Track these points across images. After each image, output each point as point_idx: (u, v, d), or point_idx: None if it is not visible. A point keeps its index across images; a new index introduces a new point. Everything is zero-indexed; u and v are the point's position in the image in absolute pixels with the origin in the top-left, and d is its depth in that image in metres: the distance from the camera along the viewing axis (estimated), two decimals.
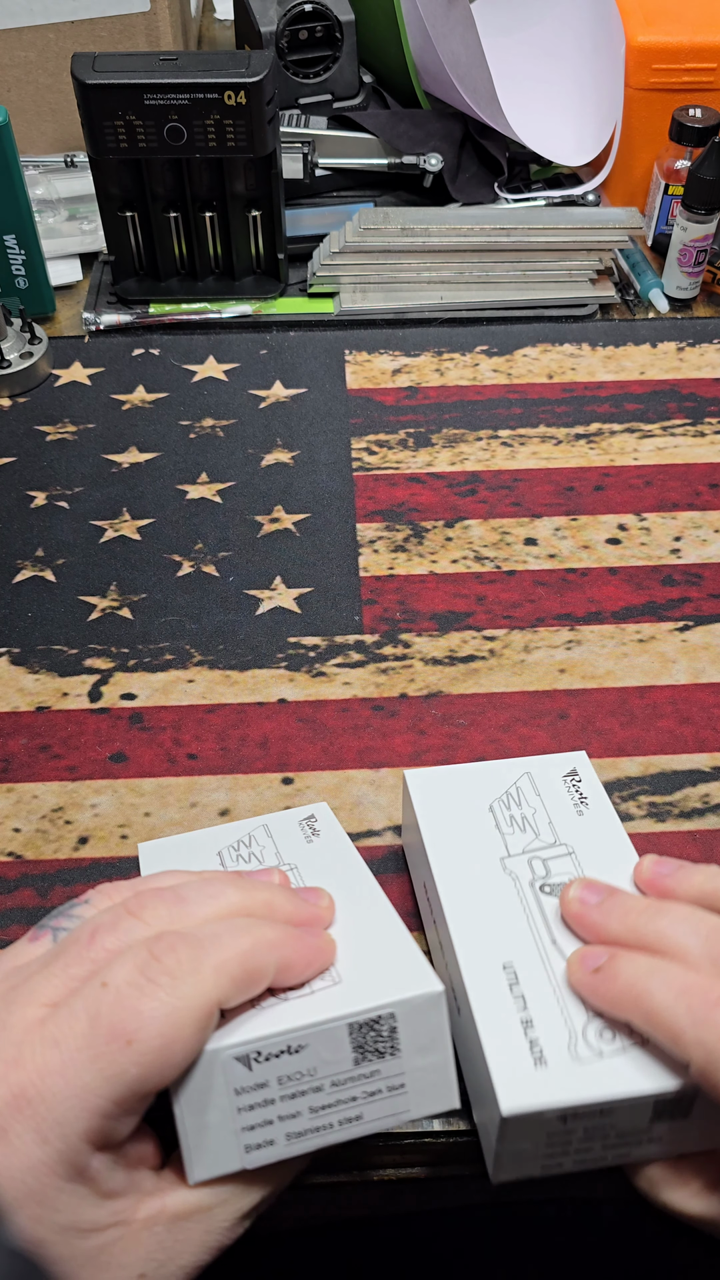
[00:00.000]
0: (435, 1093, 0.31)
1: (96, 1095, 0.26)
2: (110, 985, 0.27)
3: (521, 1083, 0.31)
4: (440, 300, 0.71)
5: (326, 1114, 0.30)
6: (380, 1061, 0.30)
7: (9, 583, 0.56)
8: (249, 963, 0.29)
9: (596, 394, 0.66)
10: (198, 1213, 0.29)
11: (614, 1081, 0.30)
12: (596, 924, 0.34)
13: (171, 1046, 0.27)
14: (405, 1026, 0.30)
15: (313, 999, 0.31)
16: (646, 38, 0.71)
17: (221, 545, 0.58)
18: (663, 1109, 0.31)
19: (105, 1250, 0.27)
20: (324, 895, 0.34)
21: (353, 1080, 0.30)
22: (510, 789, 0.39)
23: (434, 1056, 0.31)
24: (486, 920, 0.35)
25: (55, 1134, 0.26)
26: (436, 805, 0.39)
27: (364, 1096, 0.31)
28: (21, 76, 0.75)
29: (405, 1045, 0.30)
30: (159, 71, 0.61)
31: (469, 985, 0.33)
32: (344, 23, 0.77)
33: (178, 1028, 0.27)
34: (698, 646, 0.53)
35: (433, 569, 0.56)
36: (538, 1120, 0.30)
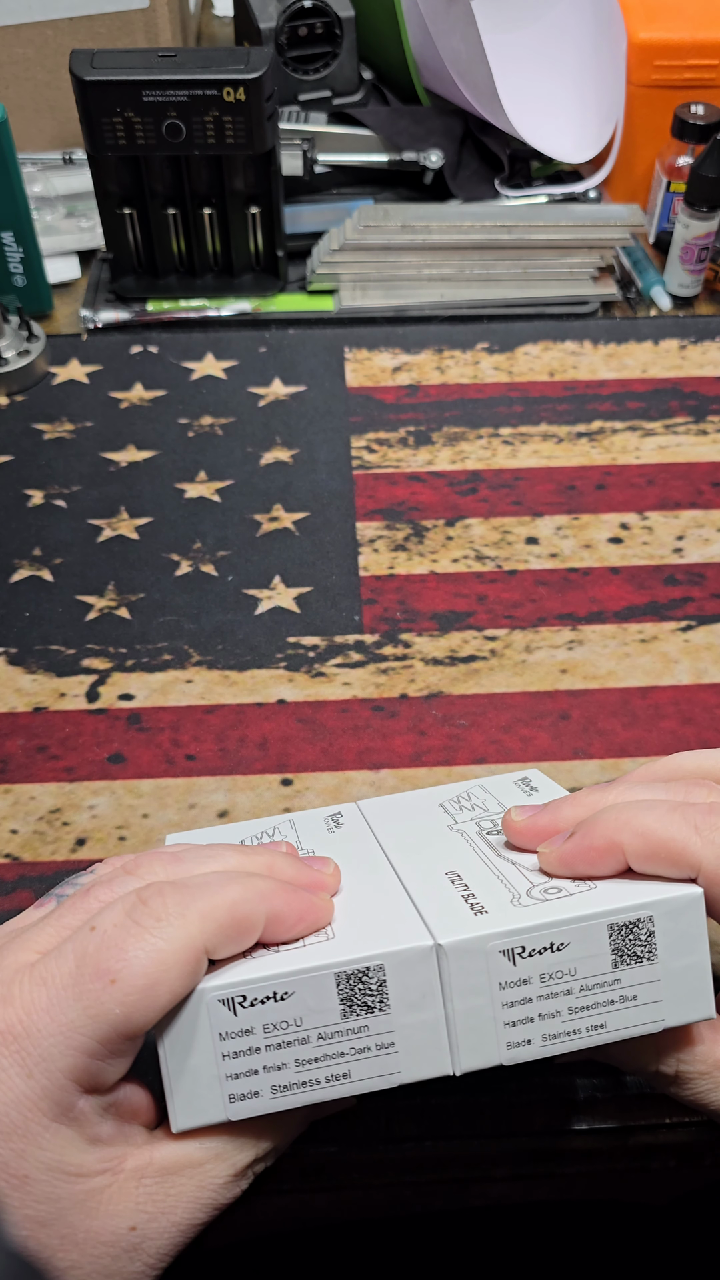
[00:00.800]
0: (428, 1054, 0.30)
1: (81, 1033, 0.27)
2: (98, 929, 0.28)
3: (461, 923, 0.30)
4: (441, 298, 0.71)
5: (313, 1068, 0.30)
6: (369, 1017, 0.30)
7: (6, 582, 0.55)
8: (237, 910, 0.29)
9: (598, 392, 0.66)
10: (189, 1167, 0.29)
11: (561, 910, 0.30)
12: (548, 823, 0.33)
13: (156, 988, 0.27)
14: (395, 980, 0.30)
15: (304, 950, 0.30)
16: (648, 34, 0.71)
17: (220, 544, 0.57)
18: (621, 945, 0.30)
19: (93, 1197, 0.27)
20: (329, 863, 0.34)
21: (340, 1035, 0.30)
22: (461, 793, 0.39)
23: (425, 1014, 0.30)
24: (430, 848, 0.35)
25: (40, 1069, 0.27)
26: (384, 804, 0.39)
27: (352, 1053, 0.30)
28: (20, 73, 0.75)
29: (395, 1001, 0.30)
30: (158, 68, 0.61)
31: (407, 882, 0.33)
32: (344, 19, 0.77)
33: (162, 968, 0.28)
34: (700, 646, 0.52)
35: (433, 568, 0.56)
36: (481, 955, 0.29)
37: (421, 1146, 0.38)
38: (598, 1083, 0.38)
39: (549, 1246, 0.52)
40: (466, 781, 0.40)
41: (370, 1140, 0.38)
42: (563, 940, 0.30)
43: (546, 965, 0.30)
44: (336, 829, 0.38)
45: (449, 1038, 0.30)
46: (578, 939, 0.30)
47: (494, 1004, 0.30)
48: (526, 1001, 0.30)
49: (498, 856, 0.34)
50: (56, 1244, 0.27)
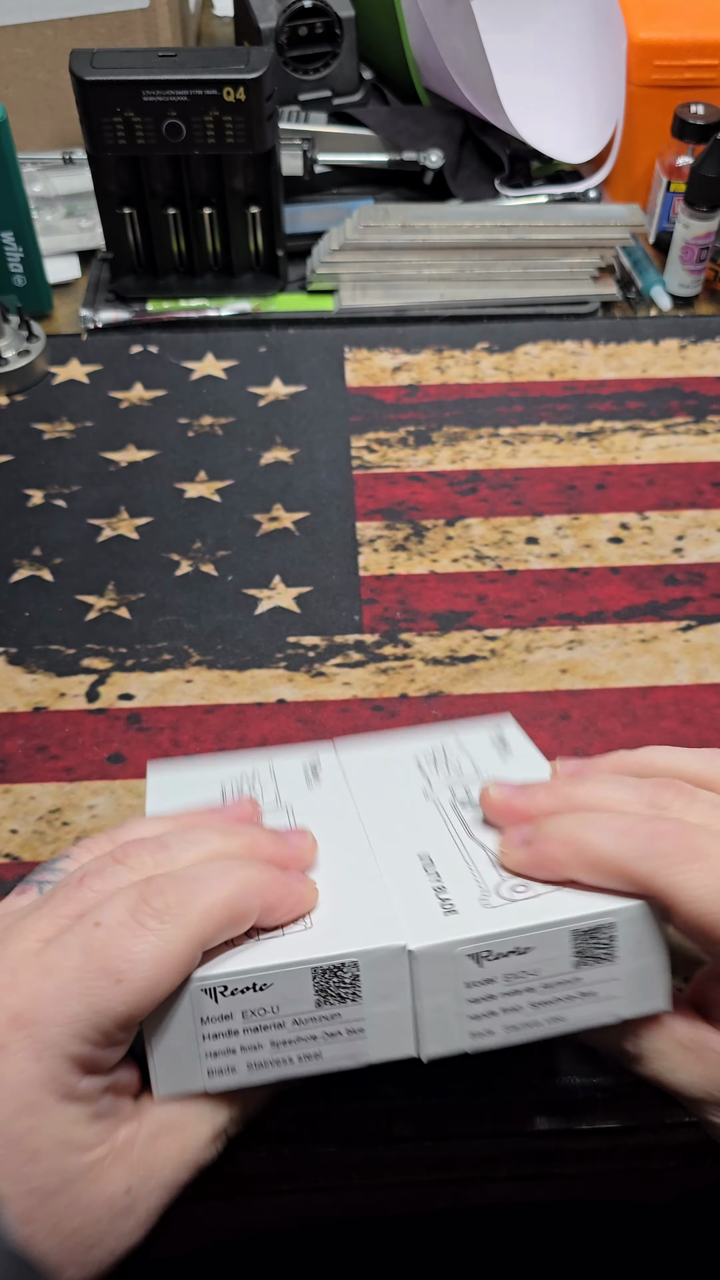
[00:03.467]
0: (395, 1040, 0.32)
1: (85, 1025, 0.28)
2: (103, 925, 0.29)
3: (431, 925, 0.31)
4: (441, 297, 0.71)
5: (287, 1049, 0.31)
6: (341, 1006, 0.31)
7: (6, 582, 0.55)
8: (235, 906, 0.30)
9: (598, 392, 0.66)
10: (172, 1130, 0.31)
11: (526, 915, 0.31)
12: (524, 805, 0.34)
13: (157, 986, 0.29)
14: (367, 975, 0.31)
15: (283, 941, 0.32)
16: (648, 34, 0.71)
17: (220, 544, 0.57)
18: (584, 947, 0.31)
19: (94, 1168, 0.29)
20: (307, 836, 0.35)
21: (314, 1020, 0.31)
22: (436, 747, 0.40)
23: (394, 1005, 0.31)
24: (405, 822, 0.36)
25: (48, 1054, 0.28)
26: (362, 757, 0.39)
27: (324, 1037, 0.31)
28: (20, 73, 0.75)
29: (367, 993, 0.31)
30: (158, 68, 0.61)
31: (383, 865, 0.34)
32: (344, 19, 0.77)
33: (164, 968, 0.29)
34: (700, 646, 0.52)
35: (433, 568, 0.56)
36: (449, 959, 0.31)
37: (421, 1146, 0.38)
38: (598, 1083, 0.38)
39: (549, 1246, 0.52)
40: (440, 730, 0.40)
41: (370, 1140, 0.38)
42: (527, 945, 0.31)
43: (511, 967, 0.31)
44: (315, 782, 0.39)
45: (415, 1026, 0.31)
46: (541, 944, 0.31)
47: (459, 1000, 0.31)
48: (490, 998, 0.31)
49: (469, 838, 0.35)
50: (63, 1212, 0.28)
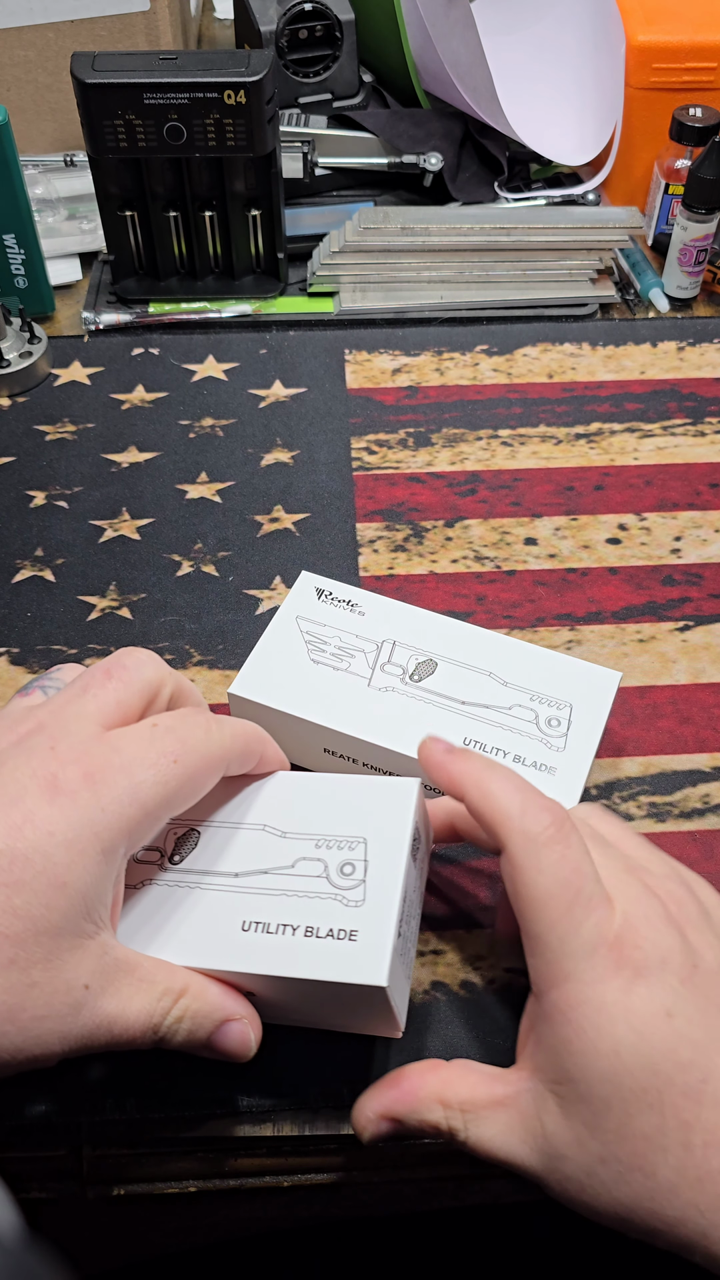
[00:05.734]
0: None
1: (145, 793, 0.32)
2: (161, 723, 0.34)
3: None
4: (440, 299, 0.71)
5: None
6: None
7: (8, 582, 0.56)
8: (250, 741, 0.36)
9: (597, 394, 0.66)
10: (134, 971, 0.33)
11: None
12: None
13: (201, 777, 0.34)
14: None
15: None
16: (647, 37, 0.71)
17: (221, 545, 0.58)
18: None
19: (81, 943, 0.31)
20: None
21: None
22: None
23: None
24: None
25: (112, 806, 0.32)
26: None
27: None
28: (21, 76, 0.75)
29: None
30: (159, 71, 0.61)
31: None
32: (344, 22, 0.77)
33: (211, 763, 0.35)
34: (698, 646, 0.53)
35: (433, 569, 0.56)
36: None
37: (422, 1145, 0.39)
38: None
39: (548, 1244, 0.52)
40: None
41: None
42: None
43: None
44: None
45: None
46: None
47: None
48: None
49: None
50: (40, 959, 0.30)
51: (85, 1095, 0.38)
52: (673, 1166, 0.31)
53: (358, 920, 0.34)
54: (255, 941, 0.34)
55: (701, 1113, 0.32)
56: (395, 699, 0.45)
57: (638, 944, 0.33)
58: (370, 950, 0.33)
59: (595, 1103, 0.32)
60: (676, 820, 0.46)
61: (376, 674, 0.46)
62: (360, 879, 0.35)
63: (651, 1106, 0.32)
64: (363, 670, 0.46)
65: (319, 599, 0.49)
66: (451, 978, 0.41)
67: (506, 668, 0.46)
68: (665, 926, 0.34)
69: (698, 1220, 0.31)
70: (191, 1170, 0.39)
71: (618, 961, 0.33)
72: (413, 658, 0.47)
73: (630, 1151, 0.32)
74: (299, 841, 0.36)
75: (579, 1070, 0.32)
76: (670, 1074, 0.32)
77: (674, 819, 0.46)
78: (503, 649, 0.47)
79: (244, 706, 0.46)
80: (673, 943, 0.34)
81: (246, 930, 0.34)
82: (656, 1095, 0.32)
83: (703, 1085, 0.32)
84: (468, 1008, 0.40)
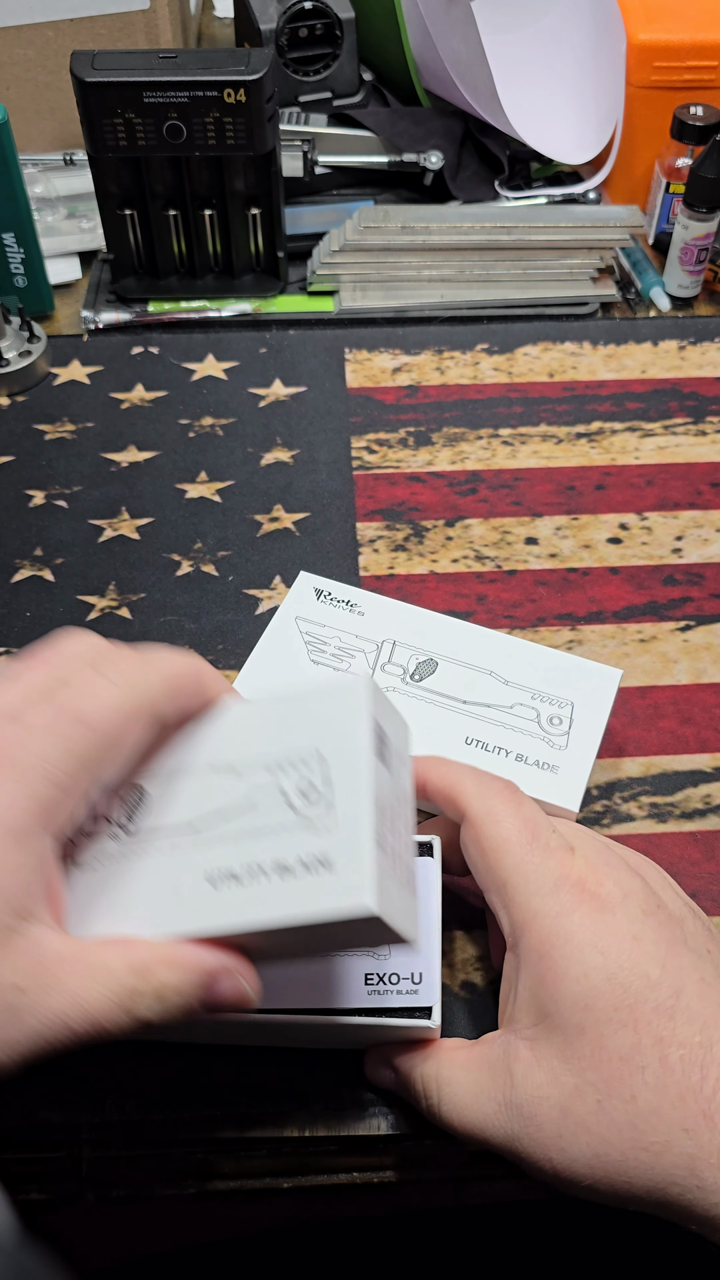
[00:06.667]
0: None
1: (57, 767, 0.29)
2: (70, 681, 0.31)
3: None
4: (440, 298, 0.71)
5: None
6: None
7: (7, 582, 0.56)
8: (182, 679, 0.32)
9: (598, 393, 0.66)
10: (81, 961, 0.29)
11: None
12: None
13: (121, 734, 0.30)
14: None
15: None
16: (647, 35, 0.71)
17: (221, 544, 0.57)
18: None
19: (15, 930, 0.29)
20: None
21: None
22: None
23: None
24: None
25: (27, 787, 0.29)
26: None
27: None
28: (20, 74, 0.75)
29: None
30: (158, 69, 0.61)
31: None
32: (344, 20, 0.77)
33: (128, 717, 0.31)
34: (699, 646, 0.53)
35: (433, 568, 0.56)
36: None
37: (421, 1145, 0.39)
38: None
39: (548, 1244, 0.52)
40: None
41: (370, 1139, 0.38)
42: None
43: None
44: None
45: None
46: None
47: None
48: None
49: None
50: None
51: (85, 1096, 0.38)
52: (652, 1086, 0.31)
53: (330, 844, 0.29)
54: (226, 896, 0.30)
55: (676, 1027, 0.32)
56: (396, 699, 0.45)
57: (600, 882, 0.34)
58: (350, 874, 0.29)
59: (569, 1030, 0.32)
60: (678, 821, 0.46)
61: (377, 674, 0.46)
62: (324, 797, 0.30)
63: (625, 1025, 0.32)
64: (363, 671, 0.46)
65: (318, 599, 0.49)
66: (451, 979, 0.41)
67: (507, 666, 0.46)
68: (627, 872, 0.35)
69: (683, 1144, 0.30)
70: (191, 1171, 0.39)
71: (582, 895, 0.34)
72: (413, 657, 0.47)
73: (607, 1075, 0.31)
74: (251, 773, 0.32)
75: (552, 1002, 0.33)
76: (641, 991, 0.32)
77: (675, 819, 0.46)
78: (502, 647, 0.47)
79: None
80: (635, 884, 0.35)
81: (213, 884, 0.30)
82: (629, 1013, 0.32)
83: (674, 1000, 0.32)
84: (468, 1008, 0.40)
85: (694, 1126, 0.30)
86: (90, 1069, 0.39)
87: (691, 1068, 0.31)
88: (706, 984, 0.33)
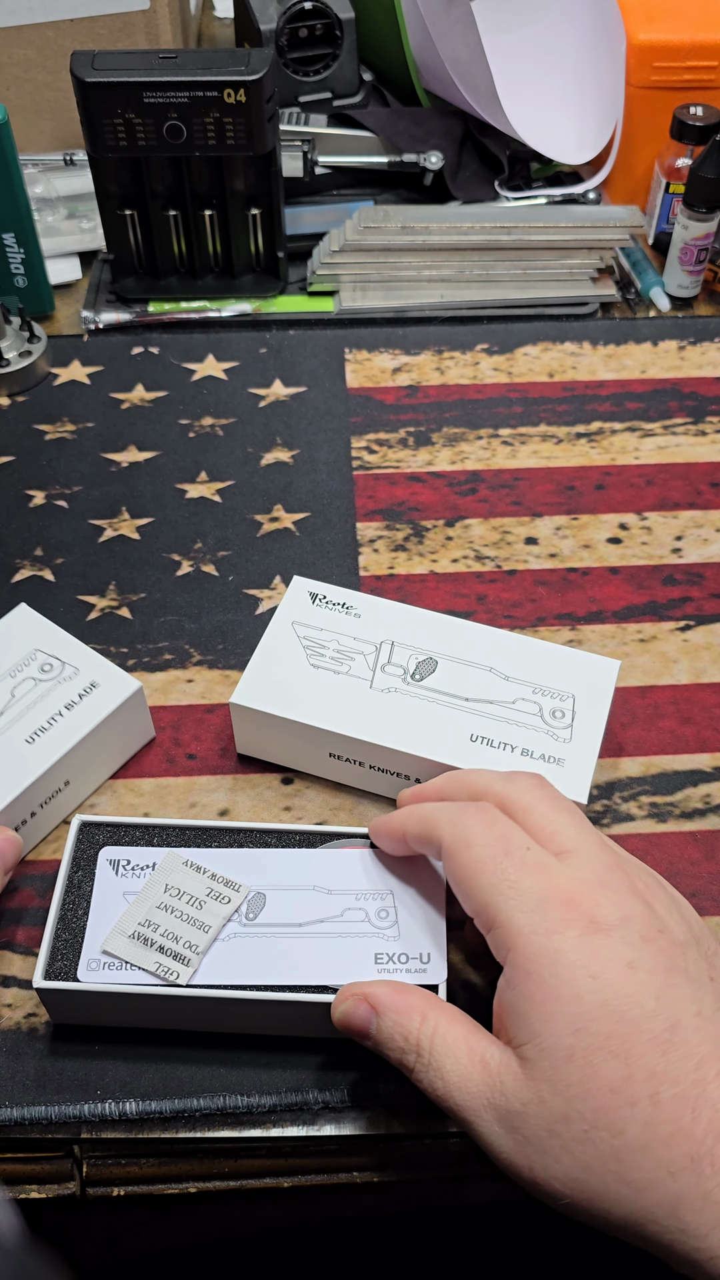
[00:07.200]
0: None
1: None
2: None
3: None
4: (440, 299, 0.71)
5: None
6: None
7: (8, 582, 0.56)
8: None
9: (597, 393, 0.66)
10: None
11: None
12: (415, 793, 0.41)
13: None
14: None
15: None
16: (647, 35, 0.71)
17: (221, 544, 0.57)
18: None
19: None
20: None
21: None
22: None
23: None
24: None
25: None
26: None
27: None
28: (20, 74, 0.75)
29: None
30: (158, 69, 0.61)
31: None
32: (344, 20, 0.77)
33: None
34: (699, 646, 0.53)
35: (433, 568, 0.56)
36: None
37: (421, 1145, 0.39)
38: None
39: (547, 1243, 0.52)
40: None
41: (370, 1139, 0.38)
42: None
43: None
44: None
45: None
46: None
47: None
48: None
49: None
50: None
51: (85, 1096, 0.38)
52: (641, 1122, 0.30)
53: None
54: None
55: (670, 1063, 0.30)
56: (399, 699, 0.45)
57: (597, 902, 0.33)
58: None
59: (558, 1054, 0.31)
60: (677, 820, 0.46)
61: (378, 675, 0.46)
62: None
63: (616, 1055, 0.30)
64: (364, 672, 0.46)
65: (313, 603, 0.49)
66: (451, 977, 0.41)
67: (506, 662, 0.46)
68: (629, 894, 0.33)
69: (667, 1185, 0.29)
70: (191, 1170, 0.39)
71: (572, 915, 0.32)
72: (413, 657, 0.47)
73: (595, 1107, 0.30)
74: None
75: (541, 1022, 0.31)
76: (635, 1020, 0.31)
77: (675, 819, 0.46)
78: (500, 644, 0.47)
79: (247, 716, 0.46)
80: (637, 908, 0.33)
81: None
82: (621, 1042, 0.30)
83: (670, 1034, 0.31)
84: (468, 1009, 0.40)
85: (680, 1169, 0.29)
86: (90, 1069, 0.39)
87: (683, 1107, 0.30)
88: (704, 1018, 0.31)
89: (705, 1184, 0.29)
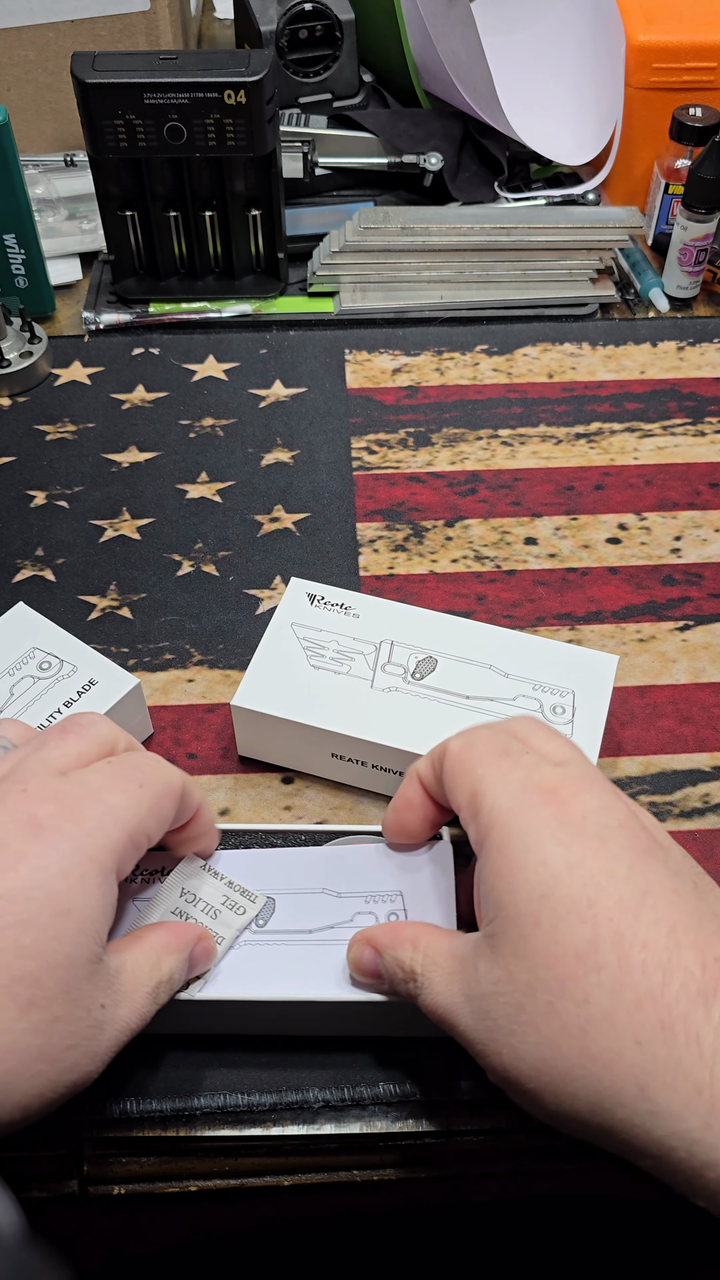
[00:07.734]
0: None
1: (123, 812, 0.33)
2: (116, 759, 0.35)
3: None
4: (440, 299, 0.71)
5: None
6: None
7: (9, 582, 0.56)
8: (189, 785, 0.37)
9: (597, 393, 0.66)
10: (131, 970, 0.34)
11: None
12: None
13: (167, 795, 0.35)
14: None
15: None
16: (647, 37, 0.71)
17: (221, 545, 0.58)
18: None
19: (99, 970, 0.33)
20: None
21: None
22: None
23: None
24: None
25: (99, 830, 0.33)
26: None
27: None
28: (21, 75, 0.75)
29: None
30: (159, 71, 0.61)
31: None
32: (344, 22, 0.77)
33: (171, 786, 0.35)
34: (698, 646, 0.53)
35: (433, 568, 0.56)
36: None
37: (421, 1144, 0.39)
38: None
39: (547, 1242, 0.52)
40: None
41: (370, 1138, 0.38)
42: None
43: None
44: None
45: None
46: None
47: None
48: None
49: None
50: (59, 991, 0.31)
51: (85, 1095, 0.38)
52: (607, 988, 0.28)
53: None
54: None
55: (640, 926, 0.29)
56: (400, 699, 0.45)
57: (577, 792, 0.32)
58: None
59: (525, 922, 0.30)
60: (677, 820, 0.46)
61: (379, 675, 0.46)
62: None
63: (583, 919, 0.29)
64: (364, 672, 0.46)
65: (311, 604, 0.49)
66: None
67: (505, 660, 0.47)
68: (615, 798, 0.33)
69: (634, 1057, 0.28)
70: (191, 1170, 0.39)
71: (550, 798, 0.32)
72: (412, 656, 0.47)
73: (560, 975, 0.29)
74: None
75: (509, 893, 0.31)
76: (603, 884, 0.30)
77: (674, 818, 0.46)
78: (499, 641, 0.47)
79: (248, 718, 0.46)
80: (619, 807, 0.33)
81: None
82: (588, 905, 0.29)
83: (641, 899, 0.29)
84: None
85: (648, 1038, 0.28)
86: None
87: (653, 971, 0.28)
88: (680, 895, 0.30)
89: (677, 1052, 0.27)
